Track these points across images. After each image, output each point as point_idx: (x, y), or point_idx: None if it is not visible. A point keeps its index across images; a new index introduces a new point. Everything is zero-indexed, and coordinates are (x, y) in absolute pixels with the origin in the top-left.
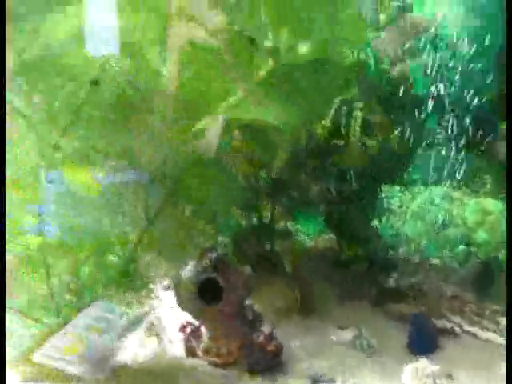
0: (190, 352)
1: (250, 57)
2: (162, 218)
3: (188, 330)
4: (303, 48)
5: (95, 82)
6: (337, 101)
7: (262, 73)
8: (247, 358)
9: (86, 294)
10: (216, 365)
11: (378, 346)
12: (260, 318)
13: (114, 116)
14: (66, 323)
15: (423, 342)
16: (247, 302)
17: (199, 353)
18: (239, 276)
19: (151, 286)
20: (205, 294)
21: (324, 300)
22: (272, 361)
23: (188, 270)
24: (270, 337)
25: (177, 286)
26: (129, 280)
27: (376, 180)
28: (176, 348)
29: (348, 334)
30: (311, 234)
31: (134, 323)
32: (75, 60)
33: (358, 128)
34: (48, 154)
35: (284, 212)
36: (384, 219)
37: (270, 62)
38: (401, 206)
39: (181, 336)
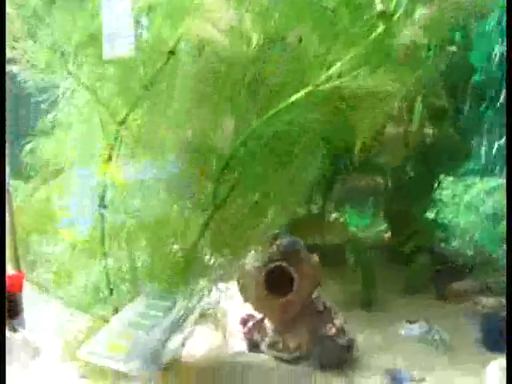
0: (253, 346)
1: (362, 19)
2: (229, 203)
3: (250, 323)
4: (419, 13)
5: (172, 52)
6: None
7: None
8: (317, 352)
9: (143, 285)
10: (282, 360)
11: (449, 340)
12: (331, 309)
13: (193, 90)
14: None
15: (498, 338)
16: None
17: (263, 347)
18: (309, 264)
19: (213, 275)
20: (273, 284)
21: (386, 293)
22: (344, 355)
23: (254, 259)
24: (342, 329)
25: (241, 275)
26: (190, 269)
27: (432, 170)
28: (237, 342)
29: (418, 329)
30: (361, 226)
31: (189, 316)
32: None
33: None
34: (112, 132)
35: (336, 202)
36: (436, 211)
37: (381, 26)
38: (453, 198)
39: (242, 329)
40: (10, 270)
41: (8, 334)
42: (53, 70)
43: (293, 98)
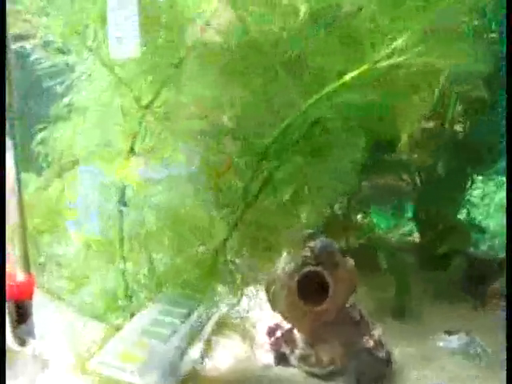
0: (281, 359)
1: None
2: (260, 201)
3: (278, 333)
4: None
5: (207, 23)
6: None
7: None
8: (353, 367)
9: (163, 290)
10: (314, 375)
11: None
12: (368, 318)
13: (229, 70)
14: None
15: None
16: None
17: (293, 360)
18: (345, 268)
19: (239, 280)
20: (304, 291)
21: (420, 300)
22: (382, 370)
23: (285, 262)
24: (380, 342)
25: (270, 281)
26: (216, 273)
27: (464, 168)
28: (263, 354)
29: (457, 341)
30: (386, 227)
31: (210, 324)
32: None
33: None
34: (136, 117)
35: (361, 202)
36: (466, 212)
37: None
38: (483, 198)
39: (268, 340)
40: (19, 274)
41: (15, 345)
42: (69, 49)
43: (347, 77)
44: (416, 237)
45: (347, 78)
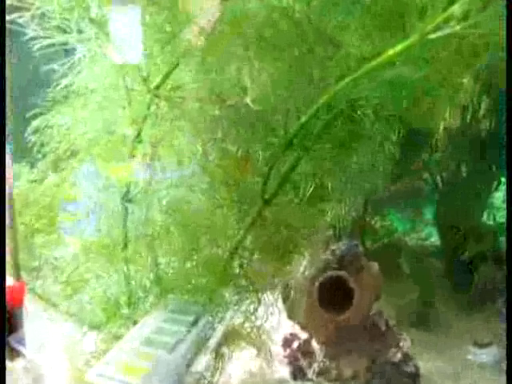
0: (298, 373)
1: None
2: (279, 198)
3: (294, 344)
4: None
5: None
6: None
7: None
8: (378, 382)
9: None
10: None
11: None
12: (394, 329)
13: (250, 49)
14: None
15: None
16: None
17: (311, 374)
18: (370, 273)
19: (255, 286)
20: (326, 298)
21: (446, 309)
22: None
23: (304, 266)
24: (408, 354)
25: (287, 286)
26: (230, 278)
27: (490, 168)
28: (278, 368)
29: (488, 354)
30: (403, 231)
31: (219, 333)
32: None
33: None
34: (144, 102)
35: (377, 204)
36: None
37: None
38: (505, 201)
39: (283, 352)
40: (8, 279)
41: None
42: (69, 26)
43: (391, 52)
44: (436, 241)
45: (391, 52)
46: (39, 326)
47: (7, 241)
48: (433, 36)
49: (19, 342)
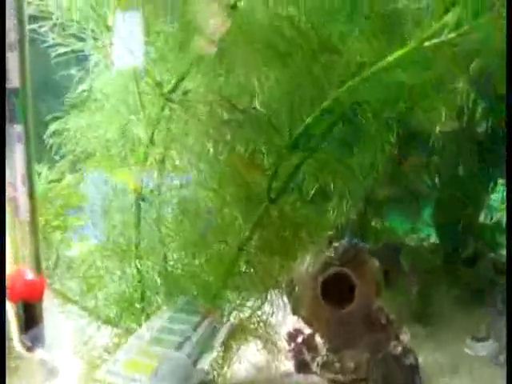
0: (302, 367)
1: None
2: (285, 196)
3: (298, 339)
4: None
5: (234, 6)
6: None
7: None
8: (380, 374)
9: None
10: (338, 383)
11: None
12: (394, 322)
13: (261, 51)
14: None
15: None
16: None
17: (314, 367)
18: (371, 269)
19: (262, 281)
20: (329, 294)
21: (445, 304)
22: (411, 378)
23: (308, 262)
24: (408, 347)
25: (291, 282)
26: (237, 274)
27: (487, 170)
28: (282, 362)
29: (486, 348)
30: (402, 231)
31: (226, 330)
32: None
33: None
34: (157, 105)
35: (376, 206)
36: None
37: None
38: (503, 202)
39: (288, 347)
40: (28, 273)
41: (22, 351)
42: (83, 33)
43: (390, 58)
44: (435, 241)
45: (391, 58)
46: (56, 321)
47: (27, 236)
48: (428, 43)
49: (37, 339)
